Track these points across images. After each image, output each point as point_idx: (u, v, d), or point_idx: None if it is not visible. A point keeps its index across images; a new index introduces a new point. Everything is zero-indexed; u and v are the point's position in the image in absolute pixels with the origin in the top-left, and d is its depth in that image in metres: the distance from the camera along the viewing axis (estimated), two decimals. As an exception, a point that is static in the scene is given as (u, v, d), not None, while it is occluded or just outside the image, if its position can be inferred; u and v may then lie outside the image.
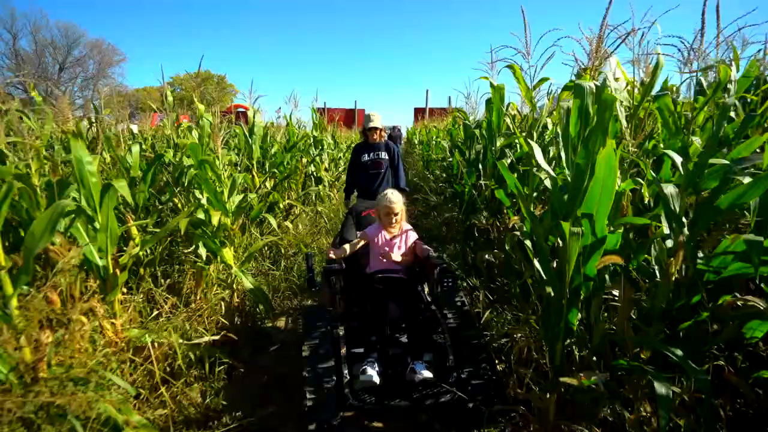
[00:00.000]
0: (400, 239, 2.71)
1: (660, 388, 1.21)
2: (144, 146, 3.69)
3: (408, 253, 2.70)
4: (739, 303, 1.46)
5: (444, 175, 6.23)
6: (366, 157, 3.96)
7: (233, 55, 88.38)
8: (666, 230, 1.71)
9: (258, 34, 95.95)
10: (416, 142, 12.48)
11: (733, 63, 1.59)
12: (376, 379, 2.04)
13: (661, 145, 2.00)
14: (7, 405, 1.39)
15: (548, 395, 1.72)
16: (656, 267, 1.71)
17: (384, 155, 3.97)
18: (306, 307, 2.69)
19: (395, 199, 2.67)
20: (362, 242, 2.73)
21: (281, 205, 4.73)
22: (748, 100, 2.13)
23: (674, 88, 2.62)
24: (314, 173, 6.18)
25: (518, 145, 3.06)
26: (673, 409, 1.36)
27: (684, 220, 1.63)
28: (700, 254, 1.61)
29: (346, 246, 2.70)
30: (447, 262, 2.76)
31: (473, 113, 5.11)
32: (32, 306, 1.54)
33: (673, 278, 1.55)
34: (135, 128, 4.74)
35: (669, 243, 1.62)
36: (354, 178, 4.10)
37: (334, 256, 2.59)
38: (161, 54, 67.79)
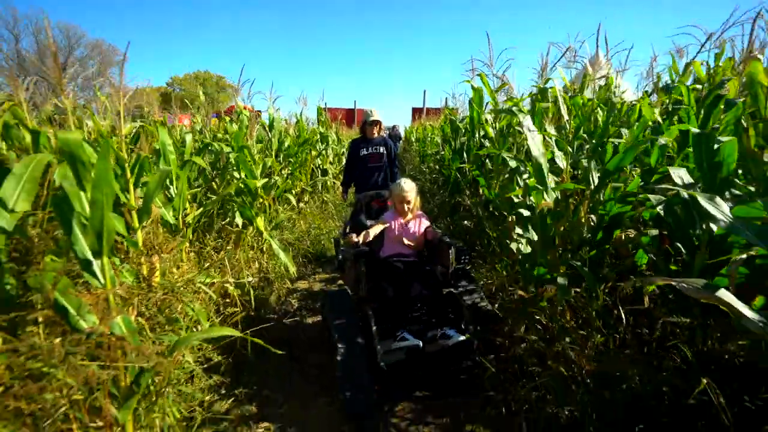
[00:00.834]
0: (413, 225, 2.87)
1: (560, 280, 1.93)
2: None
3: (420, 238, 2.87)
4: (623, 236, 2.18)
5: (437, 167, 6.95)
6: (365, 152, 4.08)
7: (231, 55, 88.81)
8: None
9: (257, 34, 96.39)
10: (413, 140, 13.19)
11: (618, 73, 2.31)
12: (413, 342, 2.23)
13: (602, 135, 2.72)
14: (134, 300, 2.10)
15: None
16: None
17: (382, 150, 4.10)
18: (327, 292, 2.92)
19: (408, 187, 2.80)
20: (380, 228, 2.82)
21: (294, 192, 5.44)
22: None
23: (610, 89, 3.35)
24: (321, 165, 6.89)
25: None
26: (569, 297, 2.06)
27: (596, 180, 2.35)
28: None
29: (369, 231, 2.76)
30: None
31: (463, 112, 5.84)
32: (146, 239, 2.24)
33: (583, 220, 2.27)
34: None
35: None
36: (352, 172, 4.17)
37: (360, 241, 2.65)
38: (161, 54, 68.31)
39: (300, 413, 2.30)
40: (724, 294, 1.17)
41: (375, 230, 2.78)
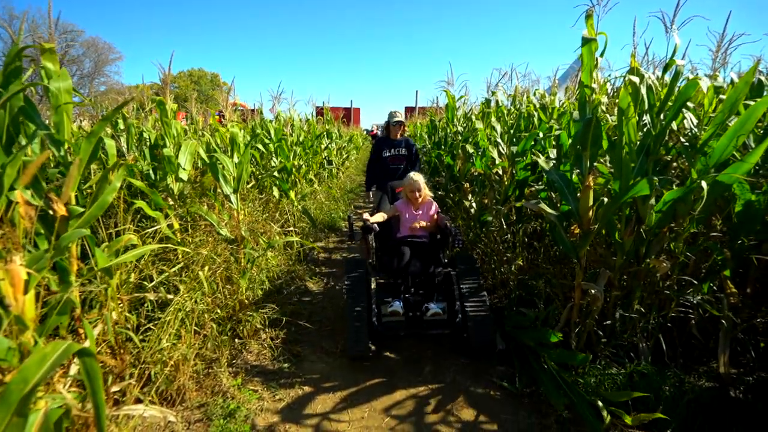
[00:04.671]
0: (423, 210, 3.25)
1: (487, 217, 3.30)
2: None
3: (430, 222, 3.23)
4: (529, 192, 3.57)
5: (424, 158, 8.33)
6: (387, 153, 4.17)
7: (229, 54, 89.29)
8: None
9: (254, 33, 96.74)
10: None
11: (511, 94, 3.70)
12: (400, 309, 2.63)
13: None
14: (224, 233, 3.44)
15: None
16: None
17: (404, 151, 4.20)
18: (346, 258, 3.54)
19: (417, 179, 3.19)
20: (393, 212, 3.27)
21: (309, 177, 6.79)
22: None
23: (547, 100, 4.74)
24: (327, 157, 8.24)
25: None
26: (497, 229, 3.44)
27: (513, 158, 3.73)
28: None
29: (380, 214, 3.21)
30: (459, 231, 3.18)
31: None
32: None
33: (507, 182, 3.66)
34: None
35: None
36: (374, 171, 4.22)
37: (370, 220, 3.06)
38: (158, 53, 68.75)
39: (331, 313, 3.64)
40: (543, 206, 2.53)
41: (386, 213, 3.28)
